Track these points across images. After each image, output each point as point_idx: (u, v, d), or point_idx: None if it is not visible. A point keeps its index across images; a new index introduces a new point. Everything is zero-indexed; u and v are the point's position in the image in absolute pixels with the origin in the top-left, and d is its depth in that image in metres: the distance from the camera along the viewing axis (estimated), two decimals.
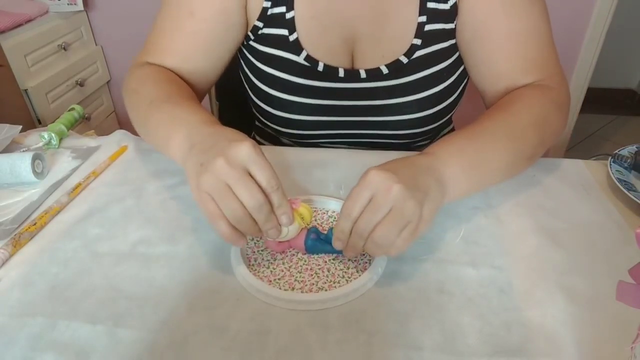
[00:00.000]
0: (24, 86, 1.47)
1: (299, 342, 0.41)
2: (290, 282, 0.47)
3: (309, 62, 0.66)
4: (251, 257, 0.50)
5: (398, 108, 0.68)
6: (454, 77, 0.68)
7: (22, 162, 0.62)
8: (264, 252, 0.51)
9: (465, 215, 0.56)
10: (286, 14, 0.65)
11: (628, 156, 0.63)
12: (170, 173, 0.64)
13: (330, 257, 0.50)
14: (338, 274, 0.48)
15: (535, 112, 0.58)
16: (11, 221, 0.56)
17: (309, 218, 0.49)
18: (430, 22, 0.64)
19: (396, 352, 0.40)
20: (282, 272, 0.48)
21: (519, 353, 0.40)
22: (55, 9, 1.62)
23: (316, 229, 0.51)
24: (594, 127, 2.39)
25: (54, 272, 0.49)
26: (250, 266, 0.49)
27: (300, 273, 0.48)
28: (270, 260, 0.50)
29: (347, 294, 0.45)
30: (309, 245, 0.49)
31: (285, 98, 0.69)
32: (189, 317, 0.44)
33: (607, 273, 0.48)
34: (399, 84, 0.66)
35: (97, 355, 0.40)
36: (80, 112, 0.77)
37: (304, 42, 0.66)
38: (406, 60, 0.65)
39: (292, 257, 0.50)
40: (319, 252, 0.50)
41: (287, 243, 0.50)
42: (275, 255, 0.51)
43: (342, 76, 0.67)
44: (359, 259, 0.50)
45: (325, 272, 0.48)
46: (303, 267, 0.49)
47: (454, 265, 0.49)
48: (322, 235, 0.50)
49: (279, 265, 0.49)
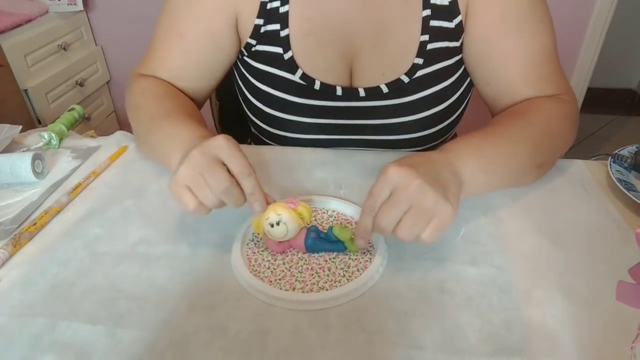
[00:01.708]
0: (24, 86, 1.47)
1: (299, 342, 0.41)
2: (291, 282, 0.47)
3: (305, 80, 0.65)
4: (251, 257, 0.50)
5: (398, 127, 0.67)
6: (457, 93, 0.67)
7: (22, 162, 0.62)
8: (264, 253, 0.51)
9: (466, 214, 0.56)
10: (280, 32, 0.63)
11: (628, 156, 0.63)
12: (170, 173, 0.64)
13: (330, 255, 0.50)
14: (339, 273, 0.48)
15: (551, 123, 0.58)
16: (11, 221, 0.56)
17: (308, 217, 0.49)
18: (433, 40, 0.62)
19: (396, 352, 0.40)
20: (283, 272, 0.48)
21: (519, 352, 0.40)
22: (55, 9, 1.62)
23: (316, 228, 0.51)
24: (594, 127, 2.39)
25: (54, 272, 0.49)
26: (250, 267, 0.49)
27: (301, 273, 0.48)
28: (270, 261, 0.50)
29: (348, 292, 0.45)
30: (309, 244, 0.49)
31: (281, 117, 0.68)
32: (189, 317, 0.44)
33: (607, 273, 0.48)
34: (399, 103, 0.65)
35: (97, 355, 0.40)
36: (80, 112, 0.77)
37: (299, 60, 0.64)
38: (407, 79, 0.64)
39: (293, 257, 0.50)
40: (319, 251, 0.50)
41: (287, 243, 0.50)
42: (275, 255, 0.51)
43: (340, 94, 0.65)
44: (359, 258, 0.50)
45: (326, 271, 0.48)
46: (304, 267, 0.49)
47: (454, 265, 0.49)
48: (322, 234, 0.50)
49: (279, 265, 0.49)
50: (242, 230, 0.53)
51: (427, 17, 0.62)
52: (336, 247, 0.50)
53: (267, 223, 0.48)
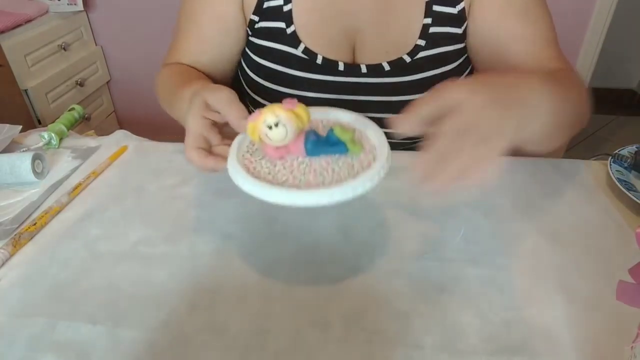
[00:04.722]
0: (24, 86, 1.48)
1: (299, 342, 0.41)
2: (295, 185, 0.43)
3: (308, 54, 0.66)
4: (249, 166, 0.46)
5: (399, 106, 0.67)
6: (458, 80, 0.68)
7: (22, 162, 0.62)
8: (262, 161, 0.47)
9: (466, 214, 0.56)
10: (283, 7, 0.65)
11: (628, 156, 0.63)
12: (170, 173, 0.64)
13: (332, 158, 0.46)
14: (343, 173, 0.43)
15: (576, 90, 0.55)
16: (11, 221, 0.56)
17: (306, 119, 0.45)
18: (436, 24, 0.64)
19: (396, 352, 0.40)
20: (285, 176, 0.44)
21: (519, 352, 0.40)
22: (55, 9, 1.62)
23: (315, 131, 0.46)
24: (594, 127, 2.39)
25: (54, 272, 0.49)
26: (249, 175, 0.45)
27: (304, 175, 0.44)
28: (270, 167, 0.45)
29: (355, 186, 0.41)
30: (310, 147, 0.45)
31: (283, 91, 0.69)
32: (189, 317, 0.44)
33: (607, 273, 0.48)
34: (400, 82, 0.66)
35: (97, 355, 0.40)
36: (80, 112, 0.77)
37: (301, 35, 0.66)
38: (409, 59, 0.65)
39: (293, 162, 0.46)
40: (320, 154, 0.46)
41: (285, 148, 0.45)
42: (274, 162, 0.46)
43: (342, 70, 0.66)
44: (362, 160, 0.45)
45: (330, 172, 0.44)
46: (306, 170, 0.44)
47: (455, 264, 0.49)
48: (322, 137, 0.46)
49: (280, 171, 0.45)
50: (236, 144, 0.48)
51: (430, 2, 0.64)
52: (338, 149, 0.45)
53: (265, 125, 0.43)
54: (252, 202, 0.42)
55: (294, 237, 0.53)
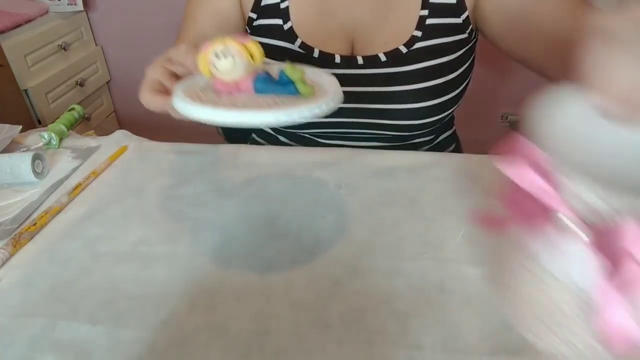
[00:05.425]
0: (24, 86, 1.48)
1: (299, 342, 0.41)
2: (234, 106, 0.41)
3: (304, 49, 0.66)
4: (194, 97, 0.44)
5: (396, 96, 0.69)
6: (456, 73, 0.68)
7: (22, 162, 0.62)
8: (208, 93, 0.45)
9: (466, 214, 0.56)
10: (280, 4, 0.66)
11: None
12: (170, 173, 0.64)
13: (280, 97, 0.44)
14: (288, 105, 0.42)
15: None
16: (11, 221, 0.56)
17: (259, 58, 0.43)
18: (432, 16, 0.64)
19: (396, 352, 0.40)
20: (227, 107, 0.42)
21: (519, 352, 0.40)
22: (55, 9, 1.62)
23: (267, 72, 0.44)
24: None
25: (54, 272, 0.49)
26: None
27: (248, 107, 0.42)
28: (215, 100, 0.44)
29: (301, 110, 0.39)
30: (259, 85, 0.43)
31: None
32: (189, 317, 0.44)
33: None
34: (397, 72, 0.67)
35: (97, 355, 0.40)
36: (80, 112, 0.77)
37: (298, 30, 0.66)
38: (405, 50, 0.65)
39: (239, 97, 0.44)
40: (269, 93, 0.44)
41: (235, 85, 0.44)
42: (220, 95, 0.45)
43: (339, 62, 0.67)
44: (310, 100, 0.43)
45: (273, 106, 0.42)
46: (250, 103, 0.43)
47: (454, 264, 0.49)
48: (274, 79, 0.44)
49: (224, 101, 0.44)
50: (187, 81, 0.48)
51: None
52: (287, 90, 0.44)
53: (213, 54, 0.42)
54: (252, 202, 0.42)
55: (294, 237, 0.53)
